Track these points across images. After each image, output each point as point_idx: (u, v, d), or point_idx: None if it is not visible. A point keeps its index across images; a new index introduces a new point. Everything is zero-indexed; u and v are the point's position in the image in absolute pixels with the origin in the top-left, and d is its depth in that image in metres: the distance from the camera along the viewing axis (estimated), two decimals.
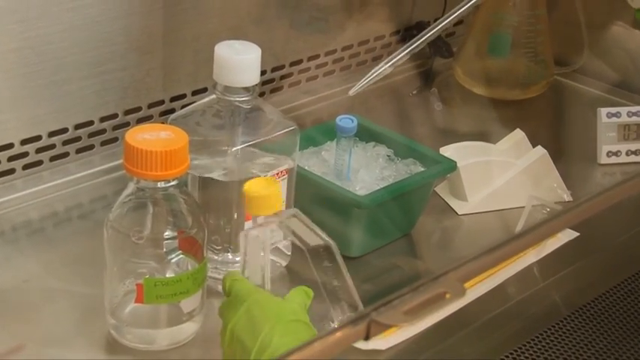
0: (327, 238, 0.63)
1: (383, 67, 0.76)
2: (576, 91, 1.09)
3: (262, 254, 0.65)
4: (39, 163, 0.84)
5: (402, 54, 0.76)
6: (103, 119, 0.86)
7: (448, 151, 0.85)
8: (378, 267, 0.77)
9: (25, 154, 0.83)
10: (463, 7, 0.77)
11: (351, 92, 0.76)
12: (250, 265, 0.65)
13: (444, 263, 0.74)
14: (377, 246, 0.79)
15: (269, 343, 0.57)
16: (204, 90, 0.92)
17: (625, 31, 1.04)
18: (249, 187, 0.65)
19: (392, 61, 0.76)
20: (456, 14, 0.77)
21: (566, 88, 1.09)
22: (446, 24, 0.77)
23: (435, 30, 0.77)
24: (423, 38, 0.76)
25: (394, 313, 0.38)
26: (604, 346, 0.71)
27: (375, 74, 0.76)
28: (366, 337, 0.38)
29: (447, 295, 0.39)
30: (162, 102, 0.90)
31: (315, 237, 0.63)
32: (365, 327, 0.37)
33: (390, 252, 0.79)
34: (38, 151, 0.83)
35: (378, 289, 0.72)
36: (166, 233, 0.66)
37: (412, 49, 0.76)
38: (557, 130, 1.01)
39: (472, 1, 0.77)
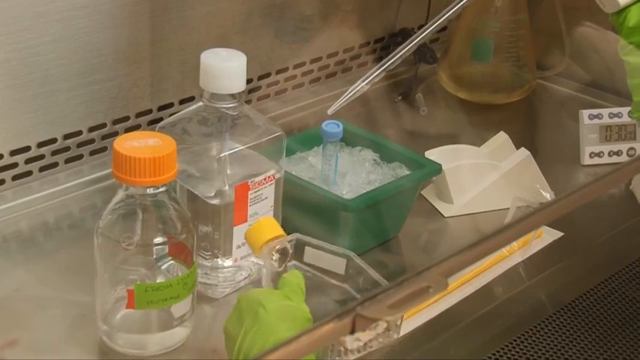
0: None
1: (360, 85, 0.77)
2: (558, 94, 1.10)
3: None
4: (28, 173, 0.84)
5: (378, 71, 0.77)
6: (91, 129, 0.87)
7: (433, 154, 0.87)
8: None
9: (14, 165, 0.83)
10: (439, 19, 0.78)
11: (330, 111, 0.77)
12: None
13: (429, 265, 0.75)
14: (364, 249, 0.80)
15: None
16: (192, 99, 0.93)
17: (602, 34, 1.06)
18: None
19: (369, 79, 0.77)
20: (428, 30, 0.78)
21: (549, 91, 1.11)
22: (421, 38, 0.78)
23: (409, 45, 0.78)
24: (399, 55, 0.77)
25: (379, 307, 0.39)
26: (589, 342, 0.72)
27: (352, 92, 0.77)
28: (352, 332, 0.38)
29: (431, 289, 0.40)
30: (149, 111, 0.91)
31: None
32: (350, 321, 0.38)
33: (377, 255, 0.80)
34: (27, 161, 0.84)
35: None
36: (156, 239, 0.66)
37: (387, 66, 0.77)
38: (541, 132, 1.03)
39: (447, 15, 0.78)
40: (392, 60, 0.77)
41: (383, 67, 0.77)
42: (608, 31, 1.03)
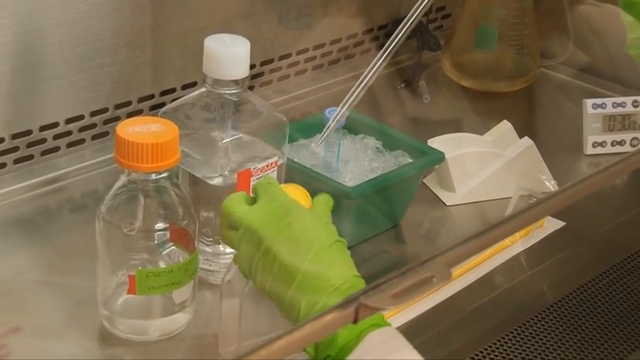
0: None
1: (341, 112, 0.78)
2: (562, 83, 1.10)
3: None
4: (30, 157, 0.84)
5: (356, 92, 0.78)
6: (93, 113, 0.87)
7: (436, 142, 0.86)
8: (367, 257, 0.78)
9: (16, 149, 0.83)
10: (417, 15, 0.79)
11: (315, 146, 0.78)
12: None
13: (432, 254, 0.75)
14: (366, 237, 0.80)
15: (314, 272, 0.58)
16: (194, 84, 0.93)
17: (608, 25, 1.05)
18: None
19: (348, 103, 0.78)
20: (408, 24, 0.78)
21: (552, 80, 1.10)
22: (397, 42, 0.78)
23: (387, 53, 0.78)
24: (372, 72, 0.78)
25: (382, 296, 0.38)
26: (589, 332, 0.72)
27: (337, 117, 0.77)
28: (355, 321, 0.38)
29: (434, 279, 0.40)
30: (152, 96, 0.91)
31: None
32: (354, 310, 0.38)
33: (378, 243, 0.80)
34: (29, 145, 0.84)
35: (366, 277, 0.73)
36: (158, 225, 0.66)
37: (365, 85, 0.78)
38: (544, 121, 1.02)
39: (421, 7, 0.78)
40: (368, 77, 0.77)
41: (361, 86, 0.77)
42: (613, 21, 1.03)
